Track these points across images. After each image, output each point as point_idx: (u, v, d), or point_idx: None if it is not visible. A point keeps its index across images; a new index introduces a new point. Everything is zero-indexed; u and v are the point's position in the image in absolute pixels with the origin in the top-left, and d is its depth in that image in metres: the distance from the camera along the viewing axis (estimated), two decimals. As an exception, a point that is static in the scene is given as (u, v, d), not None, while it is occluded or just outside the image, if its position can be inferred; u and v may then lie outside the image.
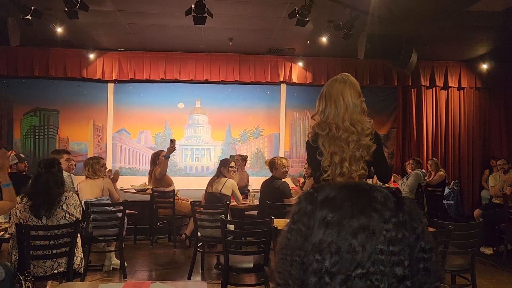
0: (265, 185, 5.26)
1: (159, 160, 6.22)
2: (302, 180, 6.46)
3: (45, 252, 3.30)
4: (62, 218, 3.33)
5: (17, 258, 3.28)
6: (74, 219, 3.36)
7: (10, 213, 3.34)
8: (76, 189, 4.98)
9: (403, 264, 0.62)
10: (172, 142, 5.90)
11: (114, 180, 5.23)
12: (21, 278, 3.02)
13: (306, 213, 0.68)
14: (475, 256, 3.78)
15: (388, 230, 0.63)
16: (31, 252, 3.24)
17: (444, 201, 7.61)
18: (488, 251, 5.81)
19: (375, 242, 0.62)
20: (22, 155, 5.89)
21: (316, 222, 0.66)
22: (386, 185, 2.63)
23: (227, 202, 4.93)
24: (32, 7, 5.32)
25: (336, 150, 2.22)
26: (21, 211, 3.28)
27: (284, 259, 0.69)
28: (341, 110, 2.29)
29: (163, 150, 6.46)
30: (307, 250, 0.65)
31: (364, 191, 0.68)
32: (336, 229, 0.64)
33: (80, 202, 3.69)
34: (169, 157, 5.97)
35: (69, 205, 3.37)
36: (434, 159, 7.65)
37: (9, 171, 5.34)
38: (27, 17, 5.32)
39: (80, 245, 3.58)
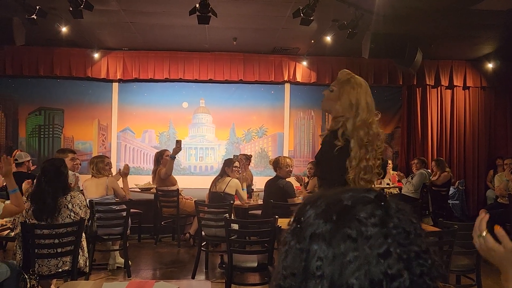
0: (269, 184, 5.25)
1: (163, 159, 6.22)
2: (306, 179, 6.45)
3: (49, 251, 3.31)
4: (67, 217, 3.34)
5: (22, 256, 3.30)
6: (79, 218, 3.37)
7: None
8: (81, 188, 5.00)
9: (403, 284, 0.59)
10: (178, 142, 5.90)
11: (124, 174, 5.22)
12: (26, 276, 3.04)
13: (296, 254, 0.64)
14: (480, 256, 3.76)
15: (385, 256, 0.59)
16: (36, 251, 3.25)
17: (449, 201, 7.57)
18: (493, 251, 5.77)
19: (374, 274, 0.58)
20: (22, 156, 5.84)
21: (308, 262, 0.62)
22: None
23: (231, 202, 4.93)
24: (37, 7, 5.34)
25: (365, 156, 2.15)
26: (26, 211, 3.29)
27: None
28: (370, 115, 2.21)
29: (167, 150, 6.46)
30: None
31: (349, 216, 0.62)
32: (329, 270, 0.60)
33: (86, 201, 3.70)
34: (175, 157, 5.97)
35: (74, 205, 3.38)
36: (440, 158, 7.61)
37: (16, 169, 5.39)
38: (32, 16, 5.34)
39: (85, 244, 3.59)
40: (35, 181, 3.44)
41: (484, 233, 1.09)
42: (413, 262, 0.61)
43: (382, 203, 0.63)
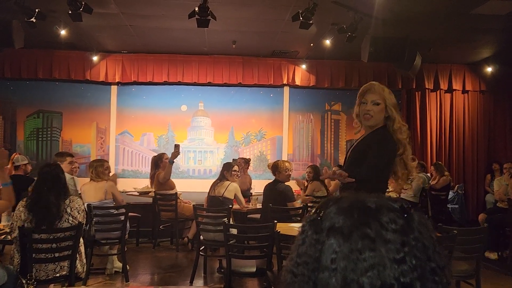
0: (268, 188, 5.23)
1: (162, 163, 6.20)
2: (305, 183, 6.43)
3: (47, 255, 3.28)
4: (65, 221, 3.32)
5: (19, 261, 3.27)
6: (77, 223, 3.35)
7: (13, 217, 3.32)
8: (79, 192, 4.97)
9: None
10: (177, 147, 5.86)
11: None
12: (24, 281, 3.01)
13: (312, 244, 0.64)
14: (480, 261, 3.74)
15: (400, 262, 0.59)
16: (34, 255, 3.22)
17: (448, 205, 7.55)
18: (493, 256, 5.76)
19: (386, 277, 0.59)
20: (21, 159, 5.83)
21: (323, 254, 0.62)
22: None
23: (230, 206, 4.91)
24: (37, 10, 5.33)
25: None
26: (25, 214, 3.26)
27: None
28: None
29: (165, 153, 6.43)
30: (314, 285, 0.62)
31: (371, 217, 0.63)
32: (342, 265, 0.60)
33: (84, 205, 3.68)
34: (174, 162, 5.95)
35: (72, 209, 3.36)
36: (439, 162, 7.60)
37: (14, 172, 5.36)
38: (31, 19, 5.33)
39: (83, 249, 3.56)
40: (32, 188, 3.39)
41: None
42: (427, 277, 0.61)
43: (405, 215, 0.64)
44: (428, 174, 7.34)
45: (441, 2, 5.38)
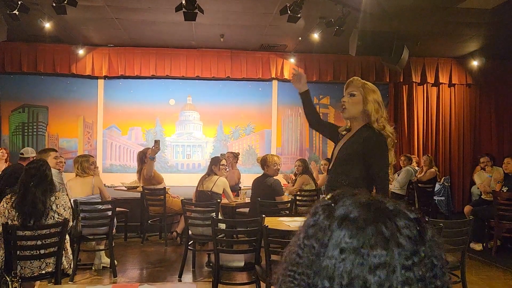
0: (256, 182, 5.23)
1: (146, 158, 6.16)
2: (293, 177, 6.44)
3: (32, 252, 3.24)
4: (51, 218, 3.28)
5: (3, 258, 3.22)
6: (63, 219, 3.31)
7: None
8: (66, 187, 4.91)
9: None
10: (156, 142, 5.82)
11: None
12: (8, 279, 2.97)
13: (322, 228, 0.62)
14: (465, 253, 3.80)
15: (408, 269, 0.58)
16: (18, 252, 3.18)
17: (434, 197, 7.65)
18: (477, 247, 5.85)
19: (393, 281, 0.57)
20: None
21: (331, 241, 0.60)
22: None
23: (218, 200, 4.90)
24: (19, 2, 5.23)
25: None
26: (9, 212, 3.21)
27: (292, 277, 0.63)
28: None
29: (150, 148, 6.39)
30: (317, 271, 0.60)
31: (388, 217, 0.61)
32: (351, 258, 0.58)
33: (70, 201, 3.63)
34: (154, 158, 5.90)
35: (58, 206, 3.31)
36: (429, 155, 7.68)
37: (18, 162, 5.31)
38: (14, 12, 5.22)
39: (69, 246, 3.53)
40: (18, 183, 3.33)
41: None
42: None
43: (418, 228, 0.62)
44: (416, 167, 7.41)
45: (428, -4, 5.41)
